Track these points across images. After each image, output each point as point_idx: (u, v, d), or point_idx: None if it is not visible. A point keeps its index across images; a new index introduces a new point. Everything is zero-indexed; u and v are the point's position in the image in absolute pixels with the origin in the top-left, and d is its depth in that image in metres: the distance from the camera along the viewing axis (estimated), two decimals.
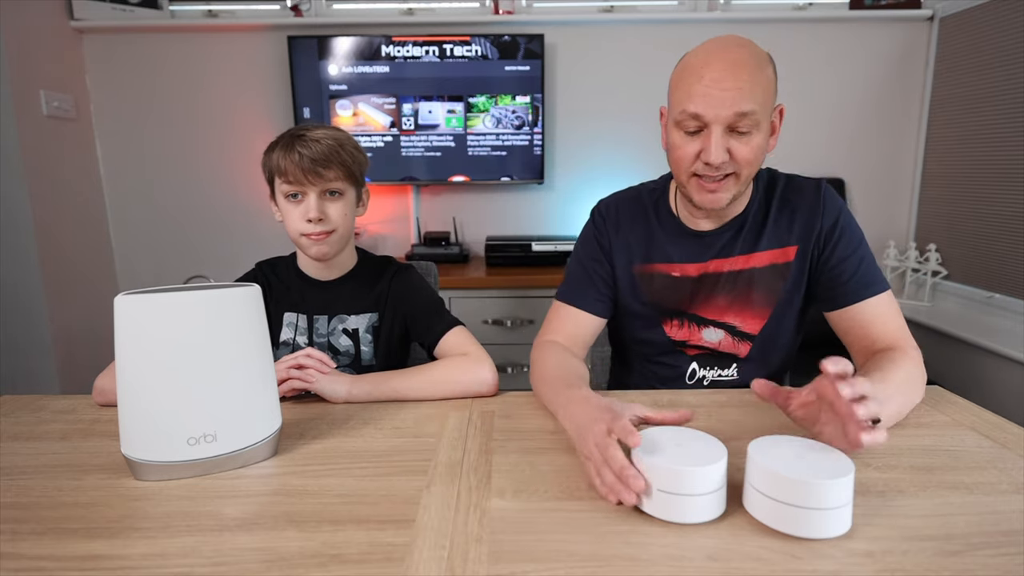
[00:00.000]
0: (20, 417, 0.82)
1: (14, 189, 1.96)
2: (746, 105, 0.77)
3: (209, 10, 2.30)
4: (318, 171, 0.91)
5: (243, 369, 0.66)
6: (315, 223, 0.93)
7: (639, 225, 0.97)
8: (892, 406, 0.73)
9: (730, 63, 0.78)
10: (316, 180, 0.92)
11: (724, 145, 0.80)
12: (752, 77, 0.77)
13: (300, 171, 0.91)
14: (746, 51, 0.79)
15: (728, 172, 0.82)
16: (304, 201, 0.93)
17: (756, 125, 0.79)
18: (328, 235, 0.95)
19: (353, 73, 2.20)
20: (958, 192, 2.15)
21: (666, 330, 0.97)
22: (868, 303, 0.87)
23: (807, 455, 0.55)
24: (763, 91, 0.79)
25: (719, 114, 0.78)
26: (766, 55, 0.82)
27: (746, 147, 0.80)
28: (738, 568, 0.49)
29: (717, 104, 0.78)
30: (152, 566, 0.49)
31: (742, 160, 0.81)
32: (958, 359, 1.95)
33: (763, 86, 0.79)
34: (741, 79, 0.77)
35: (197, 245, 2.42)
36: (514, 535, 0.53)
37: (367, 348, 1.01)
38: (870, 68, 2.27)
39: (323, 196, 0.94)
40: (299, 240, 0.96)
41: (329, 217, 0.94)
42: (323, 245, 0.95)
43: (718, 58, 0.79)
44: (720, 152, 0.80)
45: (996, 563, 0.49)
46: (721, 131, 0.79)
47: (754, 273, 0.92)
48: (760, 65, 0.79)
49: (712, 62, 0.79)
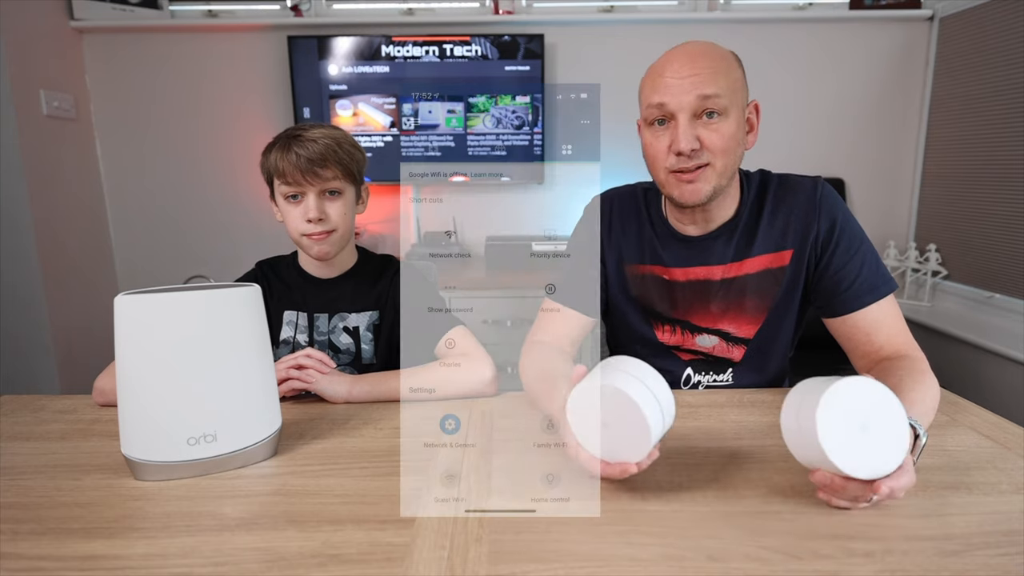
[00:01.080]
0: (20, 417, 0.82)
1: (14, 189, 1.96)
2: (707, 88, 0.78)
3: (209, 10, 2.30)
4: (316, 171, 0.91)
5: (243, 369, 0.66)
6: (315, 223, 0.93)
7: (632, 223, 0.96)
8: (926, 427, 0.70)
9: (688, 55, 0.80)
10: (314, 180, 0.92)
11: (692, 132, 0.80)
12: (712, 65, 0.79)
13: (298, 172, 0.91)
14: (706, 46, 0.82)
15: (702, 163, 0.81)
16: (303, 201, 0.94)
17: (724, 111, 0.80)
18: (329, 235, 0.95)
19: (353, 73, 2.20)
20: (958, 192, 2.14)
21: (658, 335, 0.96)
22: (870, 310, 0.84)
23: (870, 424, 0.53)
24: (726, 79, 0.79)
25: (682, 100, 0.79)
26: (731, 54, 0.83)
27: (715, 133, 0.80)
28: (738, 568, 0.49)
29: (678, 91, 0.79)
30: (152, 566, 0.50)
31: (713, 147, 0.80)
32: (958, 359, 1.95)
33: (725, 74, 0.80)
34: (699, 66, 0.79)
35: (197, 245, 2.42)
36: (514, 535, 0.53)
37: (367, 346, 1.01)
38: (870, 68, 2.27)
39: (322, 196, 0.94)
40: (300, 240, 0.96)
41: (329, 216, 0.94)
42: (324, 245, 0.95)
43: (677, 53, 0.82)
44: (689, 139, 0.79)
45: (996, 563, 0.49)
46: (687, 118, 0.80)
47: (747, 279, 0.90)
48: (722, 56, 0.81)
49: (672, 58, 0.81)
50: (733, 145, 0.81)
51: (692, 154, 0.80)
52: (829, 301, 0.88)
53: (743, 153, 0.85)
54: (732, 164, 0.83)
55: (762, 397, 0.87)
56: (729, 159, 0.82)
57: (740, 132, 0.82)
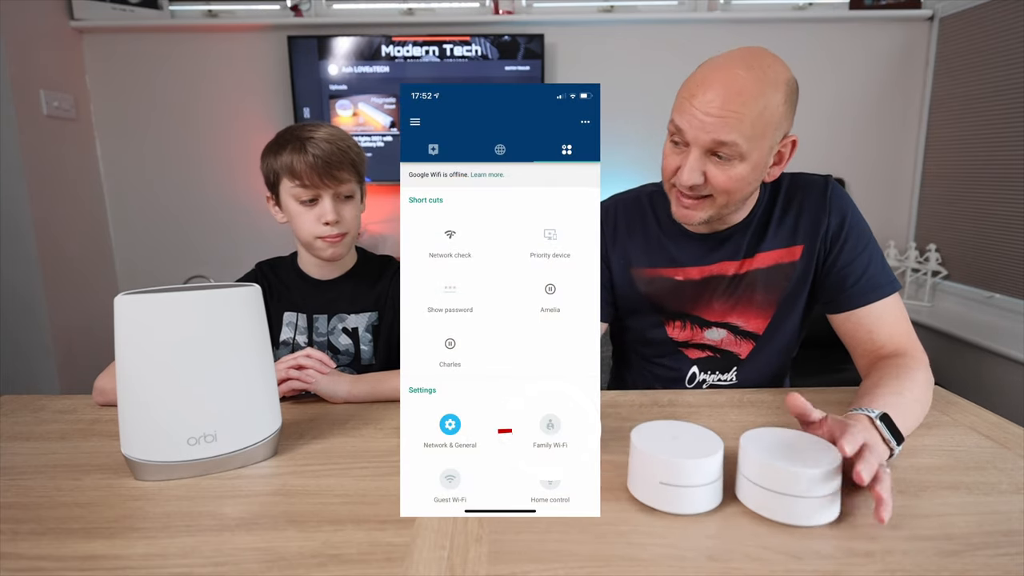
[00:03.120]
0: (20, 417, 0.82)
1: (14, 189, 1.97)
2: (726, 135, 0.75)
3: (209, 10, 2.30)
4: (333, 174, 0.91)
5: (243, 369, 0.66)
6: (332, 225, 0.93)
7: (638, 229, 0.96)
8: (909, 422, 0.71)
9: (724, 88, 0.74)
10: (331, 183, 0.92)
11: (700, 168, 0.78)
12: (744, 107, 0.74)
13: (315, 174, 0.90)
14: (751, 76, 0.74)
15: (704, 194, 0.81)
16: (319, 204, 0.93)
17: (739, 156, 0.77)
18: (343, 237, 0.95)
19: (353, 73, 2.20)
20: (958, 192, 2.15)
21: (668, 331, 0.97)
22: (874, 307, 0.85)
23: (797, 445, 0.57)
24: (754, 122, 0.75)
25: (698, 137, 0.77)
26: (780, 82, 0.76)
27: (723, 175, 0.78)
28: (738, 568, 0.49)
29: (698, 127, 0.76)
30: (152, 566, 0.49)
31: (717, 186, 0.79)
32: (958, 359, 1.95)
33: (757, 116, 0.74)
34: (728, 108, 0.74)
35: (197, 245, 2.42)
36: (514, 535, 0.53)
37: (367, 347, 1.01)
38: (870, 68, 2.27)
39: (337, 199, 0.94)
40: (313, 243, 0.95)
41: (344, 219, 0.94)
42: (339, 247, 0.96)
43: (717, 80, 0.75)
44: (694, 175, 0.78)
45: (996, 563, 0.49)
46: (699, 154, 0.78)
47: (758, 274, 0.91)
48: (762, 93, 0.74)
49: (710, 83, 0.76)
50: (741, 186, 0.80)
51: (694, 188, 0.80)
52: (834, 296, 0.88)
53: (759, 183, 0.83)
54: (737, 198, 0.82)
55: (762, 397, 0.87)
56: (734, 196, 0.81)
57: (756, 171, 0.80)
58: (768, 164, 0.82)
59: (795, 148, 0.83)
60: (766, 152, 0.79)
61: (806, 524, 0.53)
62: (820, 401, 0.85)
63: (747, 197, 0.84)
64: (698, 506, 0.55)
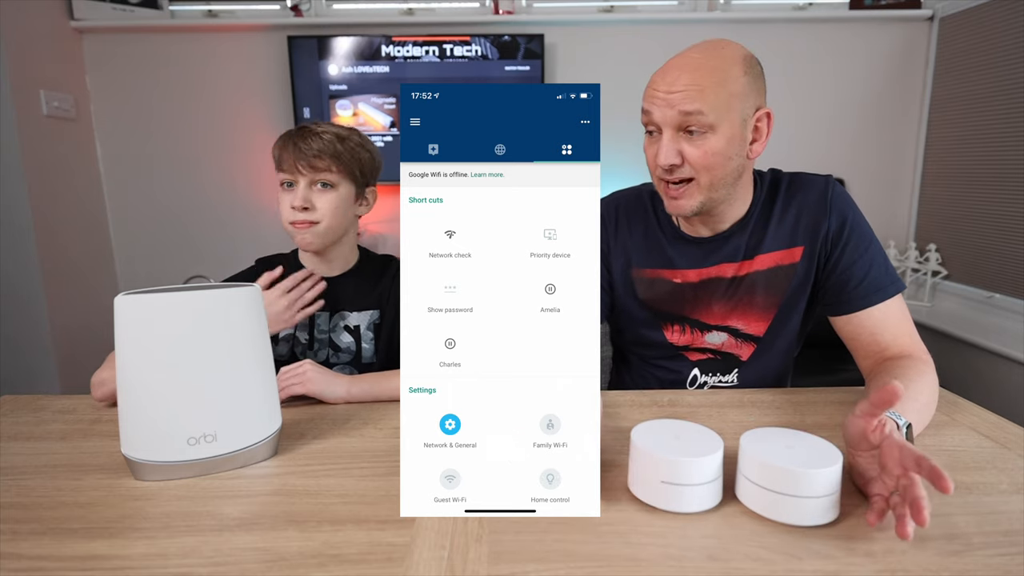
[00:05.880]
0: (20, 417, 0.82)
1: (14, 189, 1.97)
2: (689, 105, 0.77)
3: (209, 10, 2.30)
4: (310, 161, 0.93)
5: (243, 369, 0.66)
6: (299, 211, 0.93)
7: (639, 226, 0.96)
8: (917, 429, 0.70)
9: (681, 67, 0.78)
10: (306, 170, 0.93)
11: (675, 147, 0.79)
12: (704, 79, 0.77)
13: (292, 160, 0.93)
14: (706, 54, 0.79)
15: (685, 177, 0.81)
16: (294, 190, 0.95)
17: (709, 127, 0.78)
18: (312, 225, 0.95)
19: (353, 73, 2.20)
20: (958, 192, 2.15)
21: (668, 336, 0.96)
22: (877, 308, 0.84)
23: (797, 445, 0.57)
24: (717, 94, 0.77)
25: (665, 115, 0.79)
26: (737, 57, 0.79)
27: (698, 150, 0.79)
28: (738, 568, 0.49)
29: (663, 105, 0.79)
30: (152, 566, 0.49)
31: (695, 163, 0.80)
32: (958, 359, 1.95)
33: (719, 87, 0.77)
34: (687, 83, 0.77)
35: (197, 245, 2.42)
36: (514, 535, 0.53)
37: (368, 345, 1.01)
38: (870, 68, 2.27)
39: (313, 186, 0.95)
40: (288, 229, 0.98)
41: (315, 207, 0.94)
42: (307, 235, 0.95)
43: (674, 65, 0.80)
44: (669, 155, 0.79)
45: (996, 563, 0.49)
46: (671, 133, 0.79)
47: (758, 276, 0.90)
48: (720, 67, 0.78)
49: (667, 69, 0.80)
50: (720, 160, 0.80)
51: (673, 169, 0.80)
52: (836, 299, 0.88)
53: (742, 163, 0.83)
54: (722, 177, 0.82)
55: (762, 397, 0.87)
56: (716, 174, 0.81)
57: (732, 146, 0.80)
58: (747, 140, 0.82)
59: (771, 121, 0.84)
60: (738, 125, 0.80)
61: (806, 524, 0.53)
62: (820, 401, 0.85)
63: (732, 178, 0.83)
64: (699, 504, 0.56)
